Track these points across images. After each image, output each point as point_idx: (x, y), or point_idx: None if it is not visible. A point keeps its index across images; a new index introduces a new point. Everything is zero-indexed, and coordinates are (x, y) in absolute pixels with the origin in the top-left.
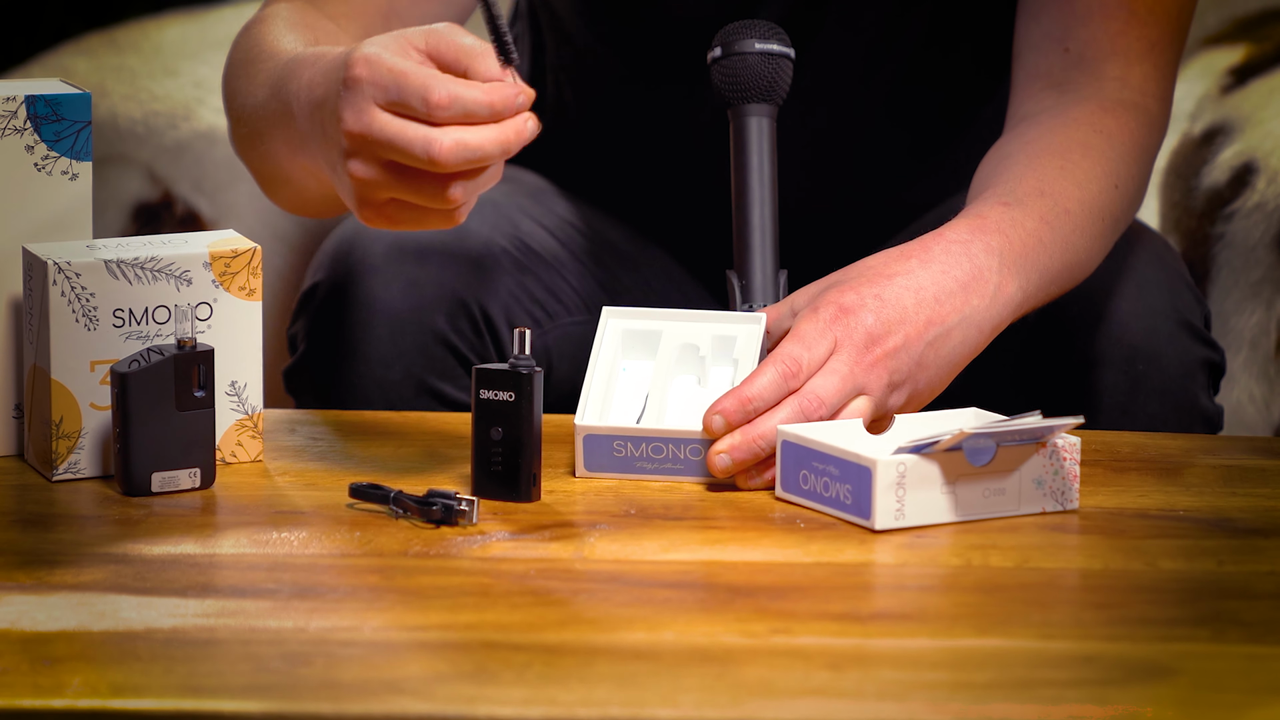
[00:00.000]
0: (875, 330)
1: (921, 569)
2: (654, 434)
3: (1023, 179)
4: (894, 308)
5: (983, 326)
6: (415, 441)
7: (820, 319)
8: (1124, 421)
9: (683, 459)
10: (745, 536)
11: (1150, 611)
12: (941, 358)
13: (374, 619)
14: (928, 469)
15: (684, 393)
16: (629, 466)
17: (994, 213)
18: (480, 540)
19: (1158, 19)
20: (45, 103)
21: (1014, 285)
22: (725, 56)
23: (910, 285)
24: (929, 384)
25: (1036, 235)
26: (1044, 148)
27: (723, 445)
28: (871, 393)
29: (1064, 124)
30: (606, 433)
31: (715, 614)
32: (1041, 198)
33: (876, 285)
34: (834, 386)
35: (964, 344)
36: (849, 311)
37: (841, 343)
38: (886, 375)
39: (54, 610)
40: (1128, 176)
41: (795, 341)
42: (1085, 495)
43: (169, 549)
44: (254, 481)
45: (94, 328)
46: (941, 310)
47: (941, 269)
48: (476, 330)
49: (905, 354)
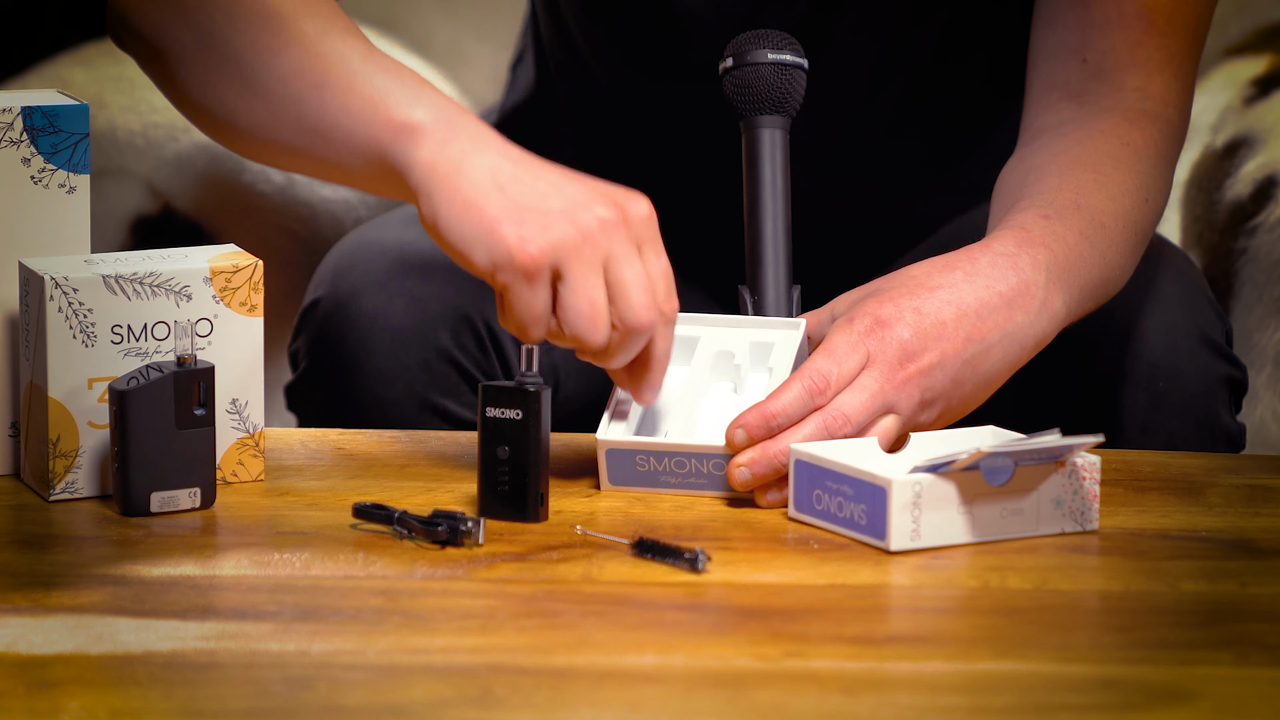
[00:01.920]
0: (911, 345)
1: (938, 591)
2: (675, 448)
3: (1059, 191)
4: (932, 322)
5: (1025, 343)
6: (420, 460)
7: (854, 331)
8: (1144, 440)
9: (706, 473)
10: (758, 558)
11: (1172, 634)
12: (979, 375)
13: (378, 642)
14: (944, 489)
15: (718, 402)
16: (653, 481)
17: (1037, 225)
18: (486, 561)
19: (1177, 29)
20: (42, 114)
21: (1060, 300)
22: (737, 67)
23: (952, 299)
24: (963, 401)
25: (1078, 250)
26: (1074, 160)
27: (743, 459)
28: (900, 411)
29: (1090, 136)
30: (628, 447)
31: (727, 637)
32: (1079, 211)
33: (917, 297)
34: (861, 404)
35: (1004, 360)
36: (885, 324)
37: (874, 357)
38: (919, 393)
39: (51, 633)
40: (1155, 189)
41: (825, 355)
42: (1105, 515)
43: (168, 570)
44: (255, 501)
45: (92, 344)
46: (983, 326)
47: (986, 282)
48: (481, 346)
49: (940, 371)
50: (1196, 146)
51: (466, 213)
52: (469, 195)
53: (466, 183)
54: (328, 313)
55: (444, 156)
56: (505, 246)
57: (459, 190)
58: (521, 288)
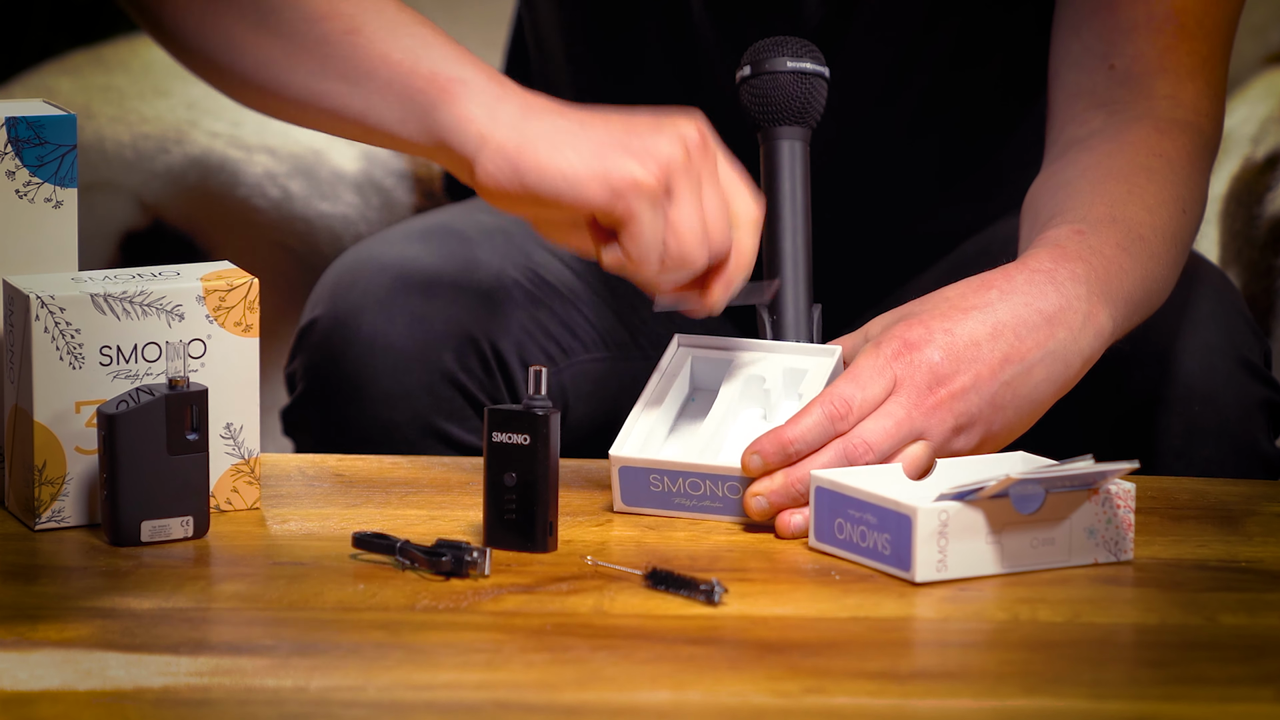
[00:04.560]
0: (941, 369)
1: (965, 624)
2: (690, 469)
3: (1092, 205)
4: (965, 343)
5: (1071, 361)
6: (424, 487)
7: (880, 355)
8: (1179, 465)
9: (721, 497)
10: (777, 589)
11: (1210, 670)
12: (1021, 397)
13: (379, 678)
14: (972, 517)
15: (744, 427)
16: (667, 502)
17: (1072, 240)
18: (493, 593)
19: (1207, 33)
20: (27, 125)
21: (1104, 314)
22: (755, 75)
23: (987, 320)
24: (1006, 425)
25: (1117, 262)
26: (1105, 173)
27: (760, 487)
28: (932, 437)
29: (1120, 148)
30: (643, 465)
31: (744, 672)
32: (1114, 224)
33: (949, 319)
34: (885, 431)
35: (1048, 381)
36: (913, 347)
37: (902, 382)
38: (951, 419)
39: (37, 668)
40: (1191, 200)
41: (849, 380)
42: (1140, 545)
43: (160, 603)
44: (251, 530)
45: (80, 366)
46: (1022, 346)
47: (1024, 300)
48: (486, 368)
49: (975, 394)
50: (1235, 159)
51: (561, 152)
52: (556, 138)
53: (546, 128)
54: (326, 332)
55: (504, 110)
56: (626, 171)
57: (541, 137)
58: (646, 211)
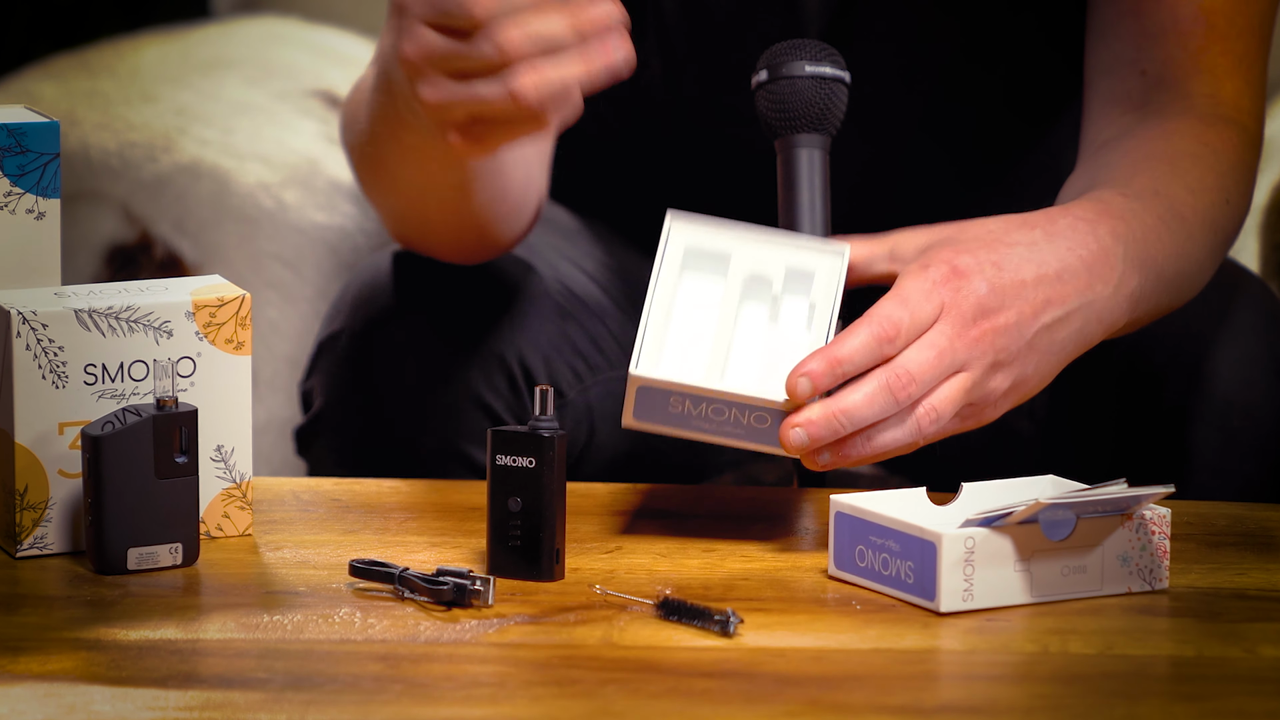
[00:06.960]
0: (987, 301)
1: (992, 656)
2: (720, 396)
3: (1134, 178)
4: (1011, 280)
5: (1103, 318)
6: (424, 512)
7: (929, 278)
8: (1216, 483)
9: (745, 424)
10: (795, 619)
11: (1249, 704)
12: (1055, 343)
13: (378, 713)
14: (999, 544)
15: (753, 331)
16: (684, 423)
17: (1116, 201)
18: (497, 624)
19: (1240, 32)
20: (8, 132)
21: (1135, 280)
22: (772, 81)
23: (1032, 258)
24: (1037, 370)
25: (1155, 232)
26: (1150, 153)
27: (799, 419)
28: (971, 370)
29: (1165, 134)
30: (665, 387)
31: (760, 706)
32: (1156, 197)
33: (996, 252)
34: (929, 362)
35: (1081, 333)
36: (962, 275)
37: (948, 309)
38: (991, 353)
39: (18, 703)
40: (1236, 193)
41: (897, 301)
42: (1176, 573)
43: (147, 634)
44: (243, 558)
45: (63, 385)
46: (1064, 290)
47: (1068, 245)
48: (514, 387)
49: (1016, 332)
50: (1278, 168)
51: None
52: None
53: None
54: (348, 347)
55: None
56: None
57: None
58: None
